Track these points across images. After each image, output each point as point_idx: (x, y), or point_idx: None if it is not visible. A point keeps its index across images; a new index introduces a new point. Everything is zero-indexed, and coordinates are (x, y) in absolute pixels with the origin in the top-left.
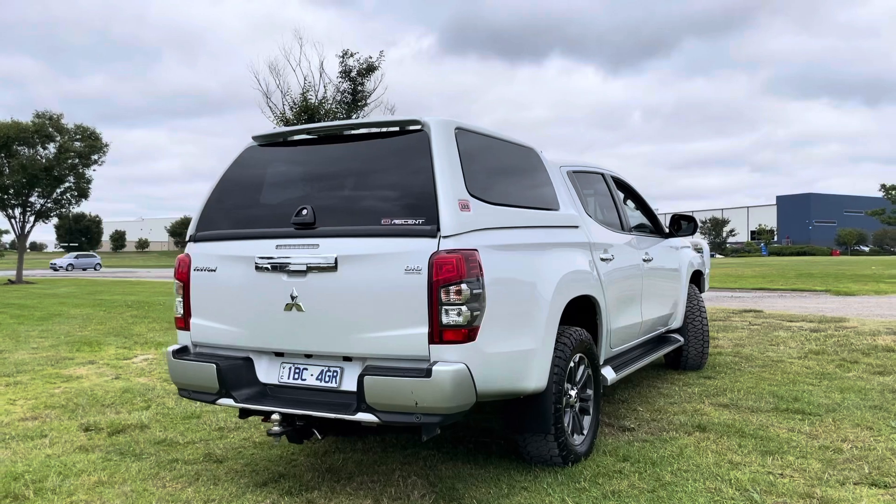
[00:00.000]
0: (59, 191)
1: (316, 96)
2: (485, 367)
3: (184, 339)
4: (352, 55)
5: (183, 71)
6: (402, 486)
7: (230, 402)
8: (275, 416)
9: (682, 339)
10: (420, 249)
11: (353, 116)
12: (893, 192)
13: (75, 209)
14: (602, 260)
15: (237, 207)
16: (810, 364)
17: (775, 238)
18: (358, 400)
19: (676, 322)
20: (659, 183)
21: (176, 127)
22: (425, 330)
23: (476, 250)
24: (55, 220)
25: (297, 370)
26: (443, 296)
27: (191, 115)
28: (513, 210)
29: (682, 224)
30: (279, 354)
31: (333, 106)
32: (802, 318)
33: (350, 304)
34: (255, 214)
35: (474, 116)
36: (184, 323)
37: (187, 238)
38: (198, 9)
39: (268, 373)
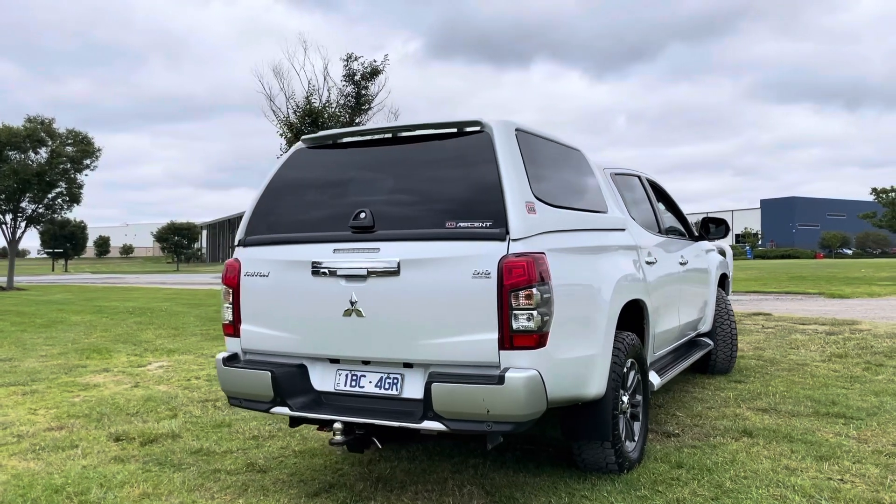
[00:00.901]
0: (50, 196)
1: (320, 100)
2: (554, 373)
3: (233, 346)
4: (356, 59)
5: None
6: (458, 496)
7: (285, 410)
8: (337, 426)
9: (711, 342)
10: (489, 253)
11: (357, 121)
12: (884, 196)
13: (67, 215)
14: (647, 263)
15: (288, 211)
16: (836, 367)
17: (760, 241)
18: (424, 408)
19: (706, 326)
20: None
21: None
22: (495, 335)
23: (544, 253)
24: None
25: (355, 377)
26: (513, 300)
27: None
28: (571, 213)
29: (712, 227)
30: (334, 361)
31: (337, 110)
32: (814, 321)
33: (413, 310)
34: (307, 218)
35: None
36: (233, 329)
37: (235, 243)
38: (183, 13)
39: (322, 380)
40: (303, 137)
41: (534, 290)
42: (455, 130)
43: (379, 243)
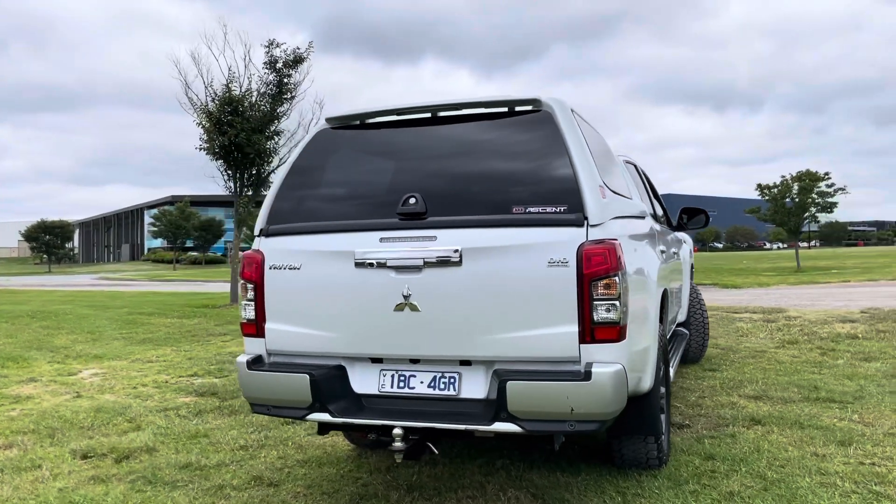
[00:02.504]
0: None
1: (240, 88)
2: (630, 367)
3: (255, 347)
4: (277, 45)
5: (31, 63)
6: (504, 501)
7: (324, 416)
8: (397, 431)
9: (687, 332)
10: (566, 240)
11: (279, 110)
12: (768, 191)
13: None
14: (661, 252)
15: (319, 198)
16: (794, 353)
17: None
18: (497, 408)
19: (682, 315)
20: None
21: (22, 123)
22: (575, 328)
23: (618, 240)
24: None
25: (403, 378)
26: (594, 290)
27: (39, 111)
28: (621, 199)
29: (688, 218)
30: (377, 361)
31: (257, 98)
32: (744, 309)
33: (477, 302)
34: (343, 205)
35: None
36: (255, 329)
37: (256, 233)
38: None
39: (363, 382)
40: (327, 117)
41: (616, 279)
42: (506, 110)
43: (434, 231)
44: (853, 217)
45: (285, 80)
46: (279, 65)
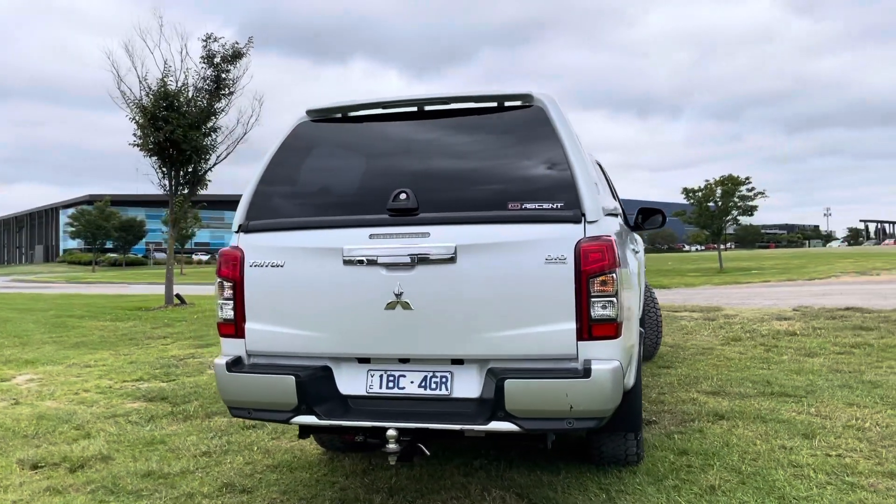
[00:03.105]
0: None
1: (177, 83)
2: (626, 364)
3: (234, 348)
4: (215, 40)
5: None
6: (490, 501)
7: (310, 419)
8: (391, 433)
9: (643, 329)
10: (563, 236)
11: (217, 106)
12: (693, 195)
13: None
14: (633, 250)
15: (302, 193)
16: (740, 350)
17: None
18: (494, 407)
19: (639, 313)
20: None
21: None
22: (573, 325)
23: (612, 237)
24: None
25: (392, 378)
26: (592, 287)
27: None
28: (607, 196)
29: (644, 218)
30: (364, 361)
31: (194, 94)
32: (682, 308)
33: (471, 300)
34: (328, 200)
35: (278, 115)
36: (234, 329)
37: (235, 229)
38: None
39: (350, 382)
40: (307, 109)
41: (613, 276)
42: (496, 105)
43: (427, 227)
44: (765, 220)
45: (223, 76)
46: (217, 59)
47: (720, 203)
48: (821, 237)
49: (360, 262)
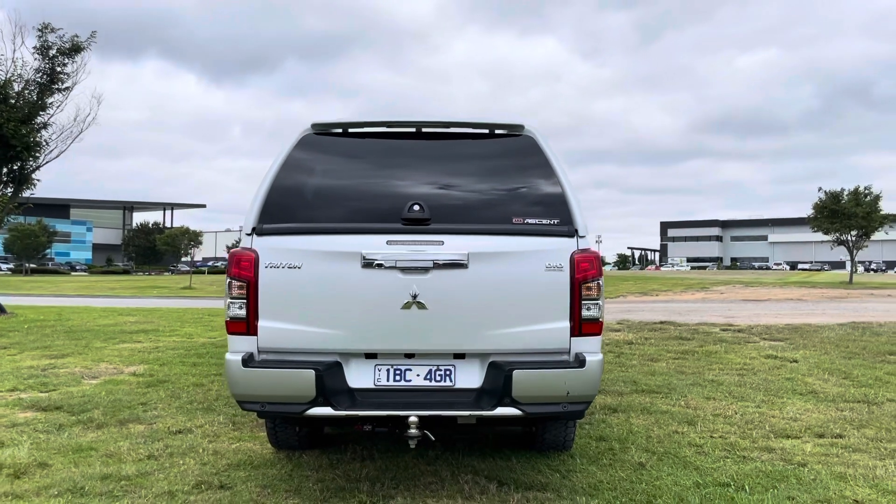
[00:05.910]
0: None
1: (6, 73)
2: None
3: (245, 345)
4: (53, 31)
5: None
6: (463, 484)
7: (326, 410)
8: (413, 419)
9: None
10: (561, 248)
11: (50, 101)
12: None
13: None
14: None
15: (311, 200)
16: None
17: None
18: (501, 394)
19: None
20: None
21: None
22: (567, 324)
23: (597, 250)
24: None
25: (398, 371)
26: (582, 292)
27: None
28: None
29: None
30: (370, 356)
31: (25, 86)
32: None
33: (479, 301)
34: (338, 208)
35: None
36: (245, 326)
37: (247, 231)
38: None
39: (358, 376)
40: (312, 123)
41: (600, 282)
42: (488, 132)
43: (441, 236)
44: None
45: (59, 69)
46: (53, 52)
47: None
48: None
49: (380, 265)
